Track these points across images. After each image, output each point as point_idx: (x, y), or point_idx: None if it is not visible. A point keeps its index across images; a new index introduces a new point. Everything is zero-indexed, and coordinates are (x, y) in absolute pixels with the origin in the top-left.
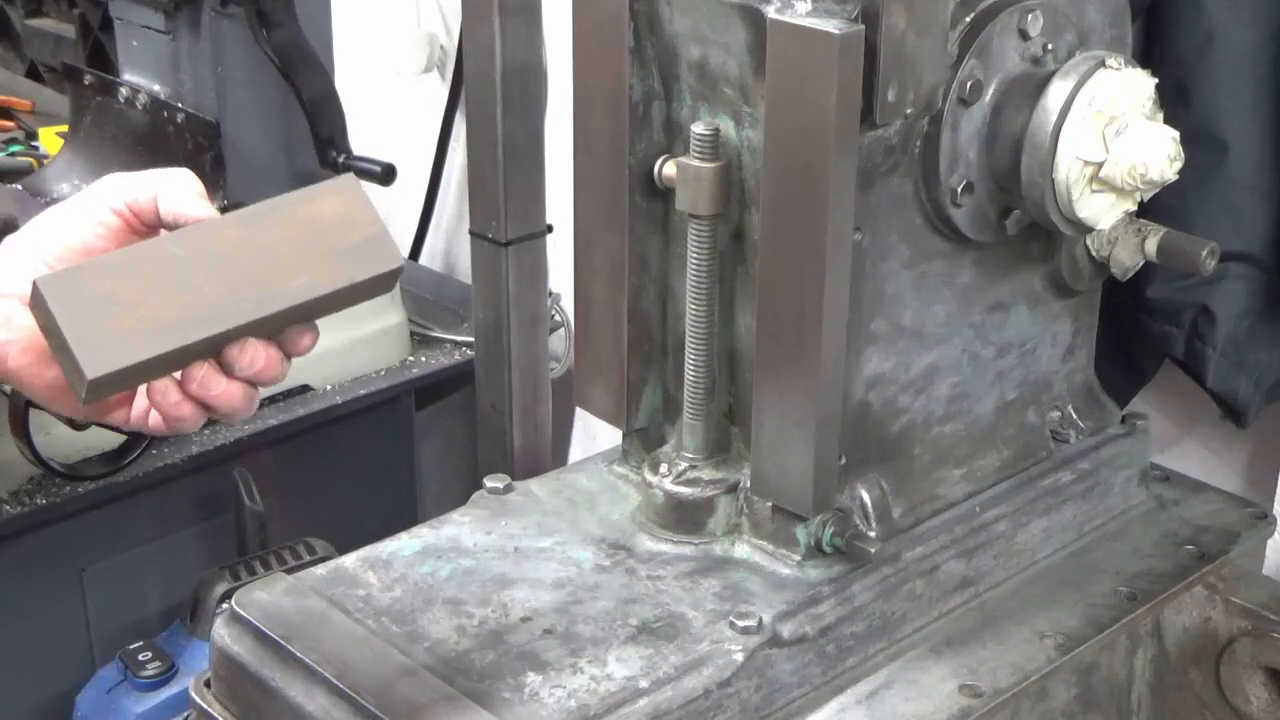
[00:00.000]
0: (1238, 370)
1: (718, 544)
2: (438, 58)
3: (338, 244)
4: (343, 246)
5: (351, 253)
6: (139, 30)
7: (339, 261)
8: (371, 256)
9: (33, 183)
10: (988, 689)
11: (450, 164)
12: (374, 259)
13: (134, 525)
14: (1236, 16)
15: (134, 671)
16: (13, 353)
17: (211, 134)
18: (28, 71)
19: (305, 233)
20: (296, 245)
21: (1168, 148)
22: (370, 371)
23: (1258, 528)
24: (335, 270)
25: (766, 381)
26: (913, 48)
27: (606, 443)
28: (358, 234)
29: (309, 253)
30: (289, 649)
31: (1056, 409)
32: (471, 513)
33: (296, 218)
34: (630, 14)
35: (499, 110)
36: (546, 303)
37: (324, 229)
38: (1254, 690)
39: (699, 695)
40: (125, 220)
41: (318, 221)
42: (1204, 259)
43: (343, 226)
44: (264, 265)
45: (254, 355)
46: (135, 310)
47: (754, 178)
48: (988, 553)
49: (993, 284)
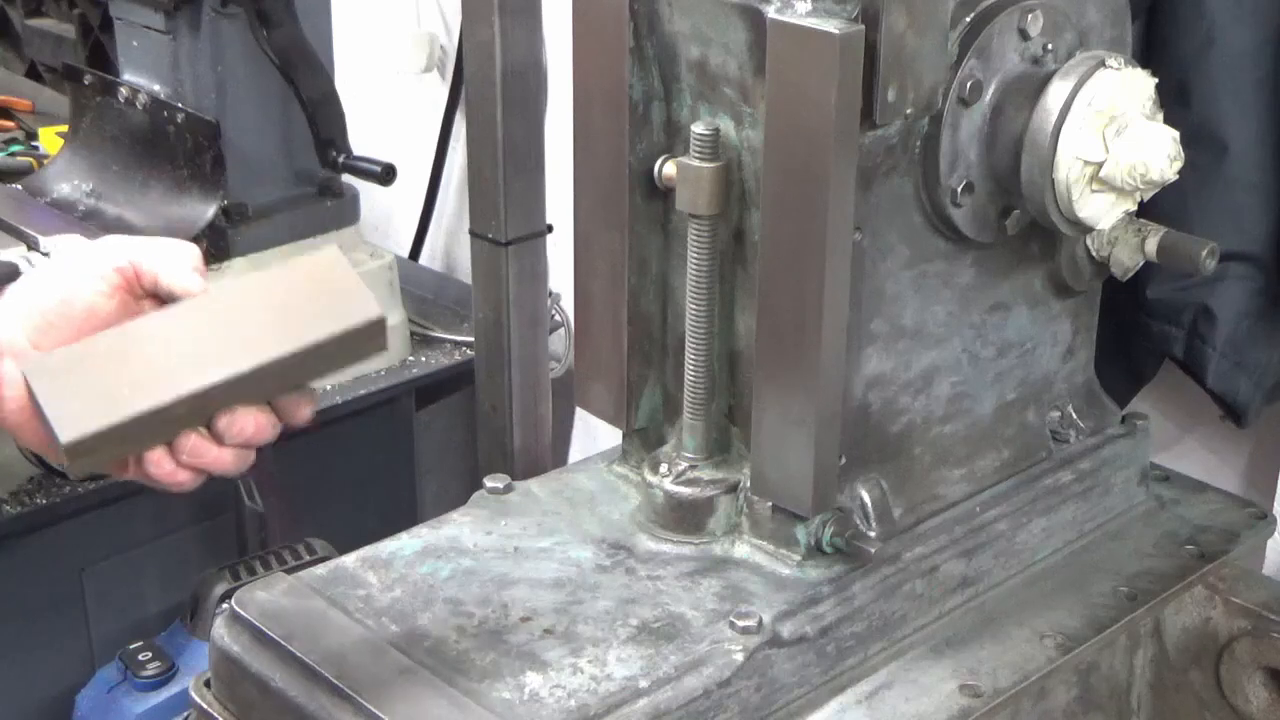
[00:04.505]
0: (1238, 370)
1: (718, 544)
2: (438, 58)
3: (317, 305)
4: (321, 306)
5: (330, 310)
6: (139, 30)
7: (317, 319)
8: (349, 311)
9: (33, 183)
10: (988, 689)
11: (450, 164)
12: (351, 313)
13: (134, 525)
14: (1236, 17)
15: (134, 671)
16: (11, 410)
17: (211, 134)
18: (28, 71)
19: (282, 297)
20: (276, 309)
21: (1168, 148)
22: (370, 371)
23: (1258, 528)
24: (313, 327)
25: (766, 381)
26: (913, 48)
27: (606, 443)
28: (337, 294)
29: (285, 314)
30: (289, 649)
31: (1056, 409)
32: (471, 513)
33: (274, 284)
34: (630, 14)
35: (499, 110)
36: (546, 303)
37: (305, 294)
38: (1254, 690)
39: (699, 695)
40: (126, 279)
41: (295, 286)
42: (1204, 259)
43: (323, 290)
44: (244, 329)
45: (243, 424)
46: (113, 379)
47: (754, 178)
48: (988, 553)
49: (993, 284)
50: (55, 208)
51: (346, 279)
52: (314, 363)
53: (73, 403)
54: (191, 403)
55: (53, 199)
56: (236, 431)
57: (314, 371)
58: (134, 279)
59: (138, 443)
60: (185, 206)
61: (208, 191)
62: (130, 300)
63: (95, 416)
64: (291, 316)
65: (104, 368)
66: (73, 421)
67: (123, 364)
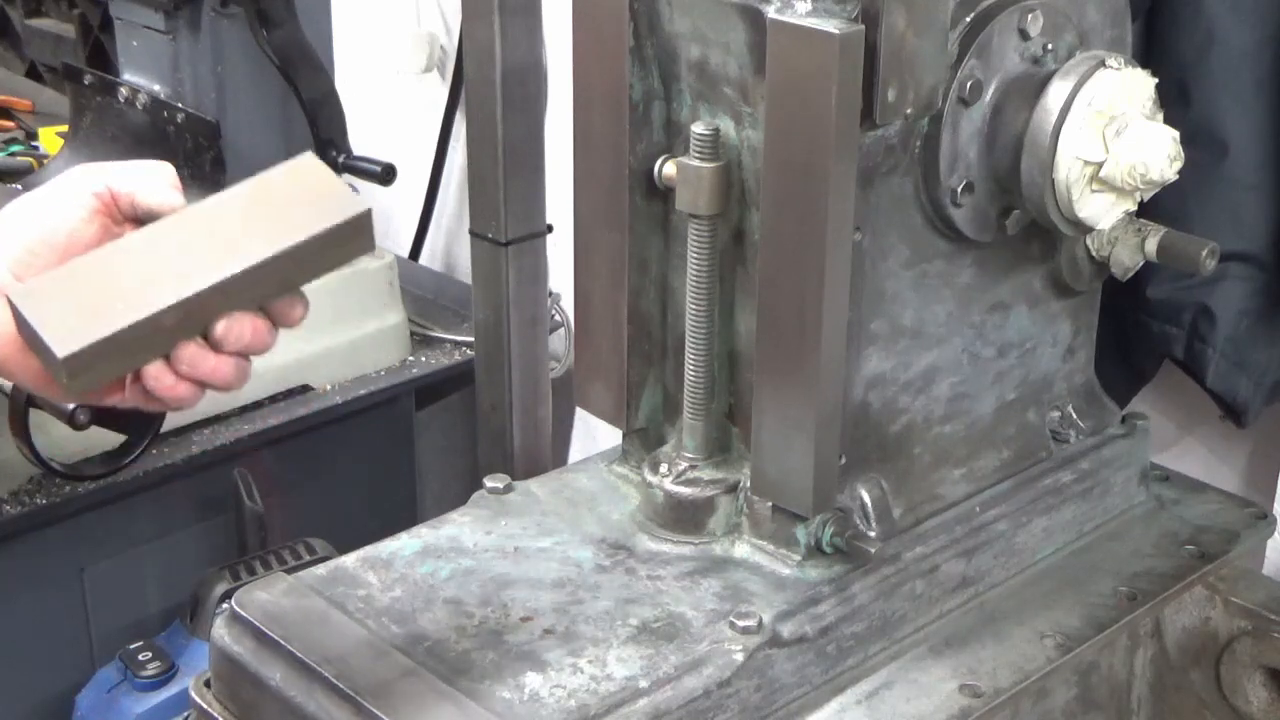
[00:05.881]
0: (1238, 370)
1: (718, 544)
2: (438, 58)
3: (302, 206)
4: (304, 207)
5: (314, 210)
6: (139, 30)
7: (302, 218)
8: (334, 209)
9: (33, 183)
10: (988, 689)
11: (450, 164)
12: (336, 210)
13: (134, 525)
14: (1236, 17)
15: (134, 671)
16: None
17: (211, 134)
18: (28, 71)
19: (267, 203)
20: (260, 214)
21: (1168, 148)
22: (370, 371)
23: (1258, 528)
24: (299, 226)
25: (766, 381)
26: (913, 48)
27: (606, 443)
28: (319, 194)
29: (272, 217)
30: (289, 649)
31: (1056, 409)
32: (471, 513)
33: (258, 194)
34: (630, 14)
35: (499, 110)
36: (546, 303)
37: (286, 197)
38: (1254, 690)
39: (699, 695)
40: (104, 203)
41: (279, 192)
42: (1204, 259)
43: (304, 192)
44: (229, 236)
45: (240, 329)
46: (103, 294)
47: (754, 178)
48: (988, 553)
49: (993, 284)
50: None
51: (327, 181)
52: (306, 262)
53: (66, 320)
54: (186, 308)
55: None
56: (234, 337)
57: (306, 271)
58: (111, 202)
59: (135, 355)
60: None
61: (208, 191)
62: (110, 225)
63: (91, 329)
64: (277, 219)
65: (93, 286)
66: (68, 336)
67: (112, 280)
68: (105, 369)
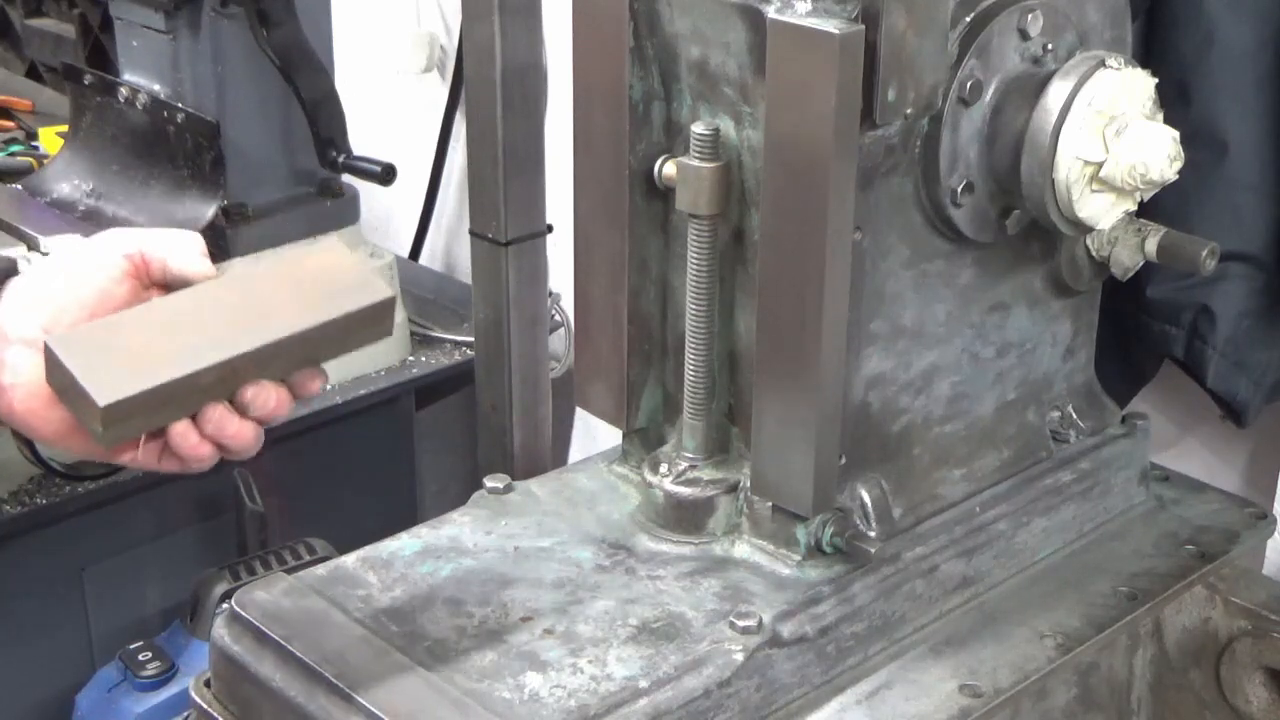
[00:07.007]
0: (1238, 370)
1: (718, 544)
2: (438, 58)
3: (328, 286)
4: (332, 288)
5: (341, 291)
6: (139, 30)
7: (330, 299)
8: (360, 292)
9: (33, 183)
10: (988, 689)
11: (450, 164)
12: (363, 293)
13: (134, 525)
14: (1236, 16)
15: (134, 671)
16: (19, 396)
17: (211, 134)
18: (28, 71)
19: (296, 280)
20: (289, 290)
21: (1168, 148)
22: (370, 371)
23: (1258, 528)
24: (327, 306)
25: (766, 381)
26: (913, 48)
27: (606, 443)
28: (346, 277)
29: (302, 295)
30: (289, 649)
31: (1056, 409)
32: (471, 513)
33: (286, 270)
34: (630, 14)
35: (499, 110)
36: (546, 303)
37: (314, 276)
38: (1254, 690)
39: (699, 695)
40: (135, 266)
41: (307, 271)
42: (1204, 259)
43: (331, 273)
44: (263, 308)
45: (266, 396)
46: (141, 350)
47: (754, 178)
48: (988, 553)
49: (993, 284)
50: (55, 208)
51: (351, 263)
52: (332, 339)
53: (105, 370)
54: (223, 370)
55: (53, 199)
56: (260, 403)
57: (329, 348)
58: (142, 266)
59: (168, 412)
60: (185, 206)
61: (207, 191)
62: (139, 288)
63: (132, 381)
64: (307, 296)
65: (131, 340)
66: (109, 385)
67: (149, 337)
68: (139, 422)
